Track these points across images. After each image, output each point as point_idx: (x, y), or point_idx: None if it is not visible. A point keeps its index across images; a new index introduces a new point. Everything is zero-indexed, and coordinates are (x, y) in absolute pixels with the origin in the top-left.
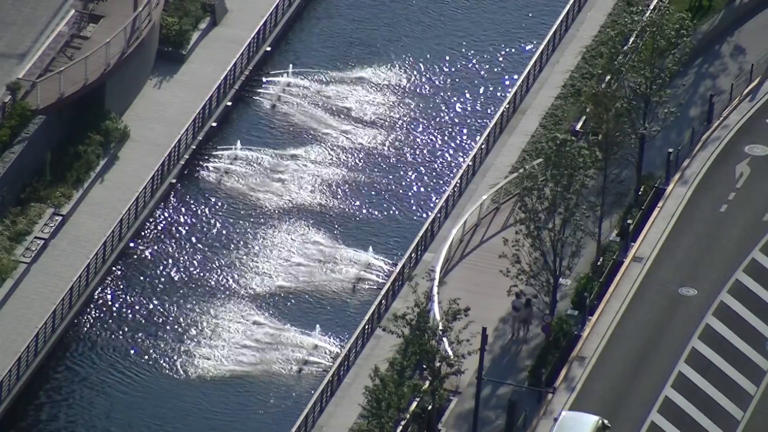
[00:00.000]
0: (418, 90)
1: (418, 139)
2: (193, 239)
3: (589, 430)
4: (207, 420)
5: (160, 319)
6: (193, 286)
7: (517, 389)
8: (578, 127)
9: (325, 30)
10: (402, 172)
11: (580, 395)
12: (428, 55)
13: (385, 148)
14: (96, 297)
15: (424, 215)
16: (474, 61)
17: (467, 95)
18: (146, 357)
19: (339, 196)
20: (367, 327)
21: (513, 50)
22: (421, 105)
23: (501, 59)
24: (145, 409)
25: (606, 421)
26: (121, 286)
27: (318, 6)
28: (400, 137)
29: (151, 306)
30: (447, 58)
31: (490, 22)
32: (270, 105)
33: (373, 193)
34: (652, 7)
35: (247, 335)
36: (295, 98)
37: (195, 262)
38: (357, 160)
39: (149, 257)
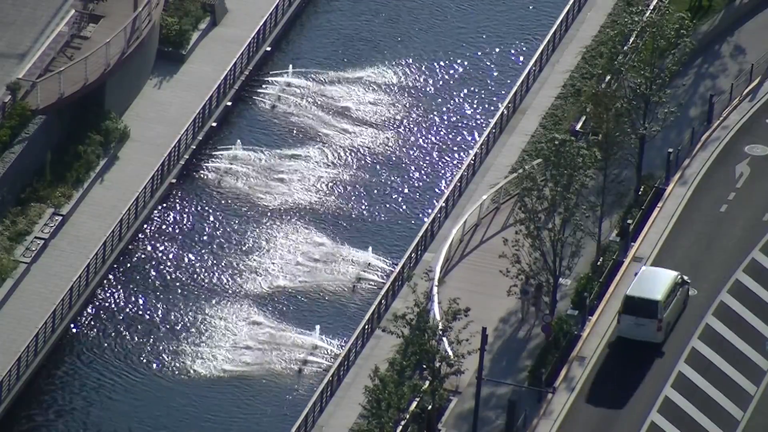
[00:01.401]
0: (418, 88)
1: (418, 139)
2: (193, 239)
3: (668, 284)
4: (207, 420)
5: (160, 319)
6: (194, 285)
7: (517, 389)
8: (578, 127)
9: (325, 29)
10: (402, 172)
11: (579, 395)
12: (429, 53)
13: (385, 148)
14: (96, 297)
15: (424, 215)
16: (475, 59)
17: (468, 94)
18: (146, 357)
19: (339, 196)
20: (367, 327)
21: (513, 49)
22: (421, 104)
23: (502, 58)
24: (145, 409)
25: (686, 277)
26: (121, 286)
27: (318, 5)
28: (400, 136)
29: (150, 306)
30: (448, 55)
31: (492, 20)
32: (270, 105)
33: (373, 192)
34: (652, 7)
35: (247, 335)
36: (295, 98)
37: (195, 261)
38: (357, 160)
39: (149, 257)
